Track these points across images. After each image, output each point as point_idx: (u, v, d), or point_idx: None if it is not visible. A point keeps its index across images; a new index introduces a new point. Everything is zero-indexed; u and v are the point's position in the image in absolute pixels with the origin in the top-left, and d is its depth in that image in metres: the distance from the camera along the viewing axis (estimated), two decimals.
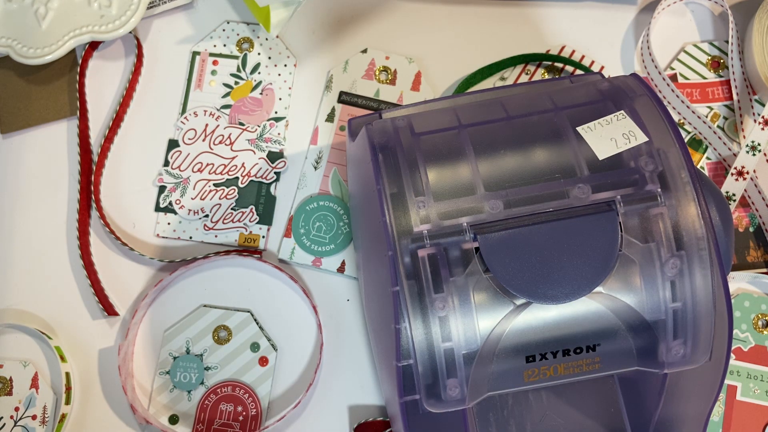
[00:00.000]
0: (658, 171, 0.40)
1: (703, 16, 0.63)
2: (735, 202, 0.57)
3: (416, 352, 0.38)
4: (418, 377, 0.38)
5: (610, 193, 0.39)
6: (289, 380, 0.55)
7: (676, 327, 0.40)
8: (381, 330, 0.44)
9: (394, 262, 0.38)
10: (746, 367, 0.54)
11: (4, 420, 0.53)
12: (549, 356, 0.40)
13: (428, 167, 0.41)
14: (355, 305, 0.56)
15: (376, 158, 0.41)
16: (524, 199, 0.40)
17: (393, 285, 0.38)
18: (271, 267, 0.56)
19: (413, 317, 0.38)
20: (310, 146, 0.59)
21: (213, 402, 0.54)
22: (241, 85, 0.60)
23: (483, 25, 0.62)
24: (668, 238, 0.39)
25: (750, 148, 0.57)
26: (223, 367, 0.54)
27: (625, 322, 0.40)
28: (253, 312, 0.56)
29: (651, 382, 0.43)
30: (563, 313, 0.39)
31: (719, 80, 0.61)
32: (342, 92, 0.60)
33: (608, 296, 0.39)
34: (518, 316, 0.39)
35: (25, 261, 0.58)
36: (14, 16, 0.58)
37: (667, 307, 0.39)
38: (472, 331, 0.39)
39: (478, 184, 0.40)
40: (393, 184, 0.40)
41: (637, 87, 0.43)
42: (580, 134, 0.41)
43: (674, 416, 0.44)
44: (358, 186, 0.48)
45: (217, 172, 0.58)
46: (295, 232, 0.57)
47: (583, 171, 0.40)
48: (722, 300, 0.39)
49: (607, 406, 0.47)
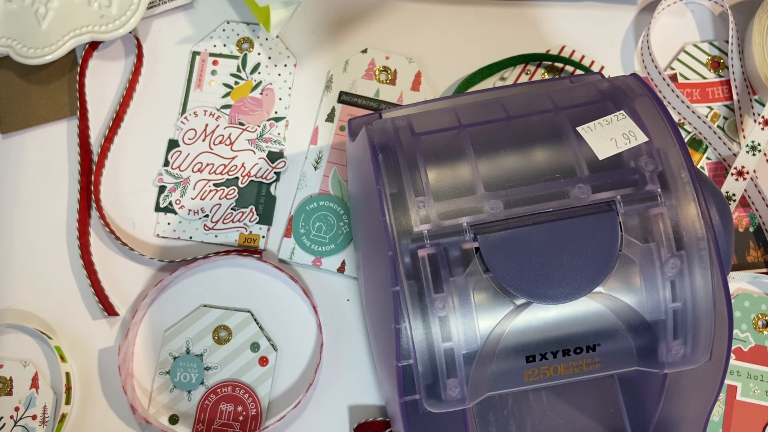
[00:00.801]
0: (658, 171, 0.40)
1: (703, 16, 0.63)
2: (735, 202, 0.57)
3: (416, 352, 0.38)
4: (418, 377, 0.39)
5: (610, 193, 0.39)
6: (289, 380, 0.55)
7: (676, 327, 0.40)
8: (381, 330, 0.44)
9: (394, 262, 0.38)
10: (746, 367, 0.54)
11: (4, 420, 0.53)
12: (549, 356, 0.40)
13: (428, 167, 0.41)
14: (355, 305, 0.56)
15: (376, 158, 0.41)
16: (524, 200, 0.40)
17: (393, 285, 0.38)
18: (271, 267, 0.56)
19: (413, 317, 0.38)
20: (310, 146, 0.59)
21: (213, 402, 0.54)
22: (241, 85, 0.60)
23: (483, 25, 0.62)
24: (668, 238, 0.39)
25: (750, 148, 0.57)
26: (223, 367, 0.54)
27: (625, 322, 0.40)
28: (253, 312, 0.56)
29: (651, 382, 0.43)
30: (563, 314, 0.39)
31: (719, 80, 0.61)
32: (342, 92, 0.60)
33: (608, 296, 0.39)
34: (518, 317, 0.39)
35: (25, 261, 0.58)
36: (14, 16, 0.58)
37: (667, 307, 0.39)
38: (472, 331, 0.39)
39: (478, 184, 0.40)
40: (393, 184, 0.40)
41: (637, 87, 0.43)
42: (580, 134, 0.41)
43: (674, 416, 0.44)
44: (358, 186, 0.48)
45: (217, 172, 0.58)
46: (295, 232, 0.57)
47: (584, 171, 0.40)
48: (722, 300, 0.39)
49: (607, 406, 0.47)
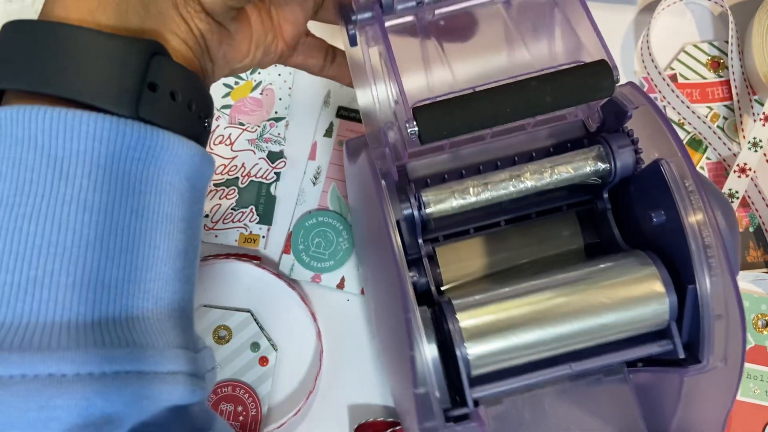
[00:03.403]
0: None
1: (703, 16, 0.63)
2: (738, 199, 0.57)
3: (433, 379, 0.38)
4: (436, 402, 0.38)
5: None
6: (290, 380, 0.55)
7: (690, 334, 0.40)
8: (393, 350, 0.44)
9: (410, 325, 0.38)
10: (746, 367, 0.54)
11: None
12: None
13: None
14: (355, 305, 0.56)
15: (379, 185, 0.40)
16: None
17: (410, 348, 0.37)
18: (270, 274, 0.55)
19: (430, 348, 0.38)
20: (309, 161, 0.59)
21: (213, 402, 0.54)
22: (241, 85, 0.60)
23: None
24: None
25: (752, 144, 0.57)
26: (223, 367, 0.54)
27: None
28: (253, 312, 0.56)
29: (667, 390, 0.43)
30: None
31: (719, 80, 0.61)
32: (341, 107, 0.60)
33: None
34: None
35: None
36: (14, 17, 0.58)
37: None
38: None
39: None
40: (398, 211, 0.40)
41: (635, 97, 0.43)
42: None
43: (691, 422, 0.44)
44: (360, 203, 0.48)
45: (217, 173, 0.58)
46: (294, 248, 0.57)
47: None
48: (734, 304, 0.39)
49: (625, 418, 0.47)
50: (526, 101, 0.36)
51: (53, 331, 0.29)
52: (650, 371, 0.42)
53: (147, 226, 0.32)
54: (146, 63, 0.31)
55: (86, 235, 0.30)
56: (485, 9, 0.44)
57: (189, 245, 0.35)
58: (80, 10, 0.32)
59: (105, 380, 0.28)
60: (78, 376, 0.28)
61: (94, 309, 0.30)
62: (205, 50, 0.37)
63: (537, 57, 0.43)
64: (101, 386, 0.28)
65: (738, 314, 0.39)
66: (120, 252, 0.31)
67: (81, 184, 0.30)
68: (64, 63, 0.30)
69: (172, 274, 0.33)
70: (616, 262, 0.40)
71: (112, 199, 0.31)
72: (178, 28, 0.35)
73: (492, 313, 0.39)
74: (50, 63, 0.30)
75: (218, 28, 0.37)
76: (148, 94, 0.31)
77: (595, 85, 0.37)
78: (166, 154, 0.32)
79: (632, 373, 0.42)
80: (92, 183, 0.30)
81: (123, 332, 0.30)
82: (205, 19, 0.36)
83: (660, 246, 0.40)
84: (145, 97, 0.31)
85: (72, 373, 0.28)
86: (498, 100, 0.36)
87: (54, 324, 0.29)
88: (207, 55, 0.37)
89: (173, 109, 0.33)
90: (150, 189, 0.32)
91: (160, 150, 0.32)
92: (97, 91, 0.30)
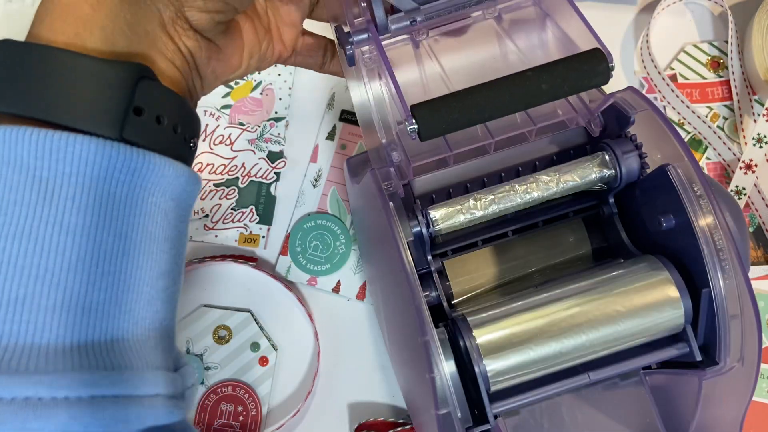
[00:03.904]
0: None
1: (703, 16, 0.63)
2: (746, 195, 0.57)
3: (455, 399, 0.37)
4: (458, 423, 0.38)
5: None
6: (290, 380, 0.55)
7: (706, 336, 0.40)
8: (408, 364, 0.44)
9: (428, 349, 0.37)
10: None
11: None
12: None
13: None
14: (354, 306, 0.56)
15: (388, 209, 0.40)
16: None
17: (429, 371, 0.37)
18: (266, 275, 0.55)
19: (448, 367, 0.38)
20: (310, 164, 0.59)
21: (213, 402, 0.54)
22: (241, 85, 0.60)
23: None
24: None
25: (757, 140, 0.57)
26: (223, 367, 0.54)
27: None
28: (253, 312, 0.56)
29: (684, 392, 0.43)
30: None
31: (719, 80, 0.61)
32: (344, 111, 0.60)
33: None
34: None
35: None
36: (14, 17, 0.58)
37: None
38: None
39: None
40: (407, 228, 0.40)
41: (637, 102, 0.43)
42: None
43: (709, 423, 0.43)
44: (366, 220, 0.47)
45: (217, 173, 0.58)
46: (291, 250, 0.57)
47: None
48: (748, 303, 0.39)
49: (642, 420, 0.47)
50: (523, 91, 0.36)
51: (32, 354, 0.28)
52: (666, 373, 0.42)
53: (131, 248, 0.32)
54: (132, 88, 0.31)
55: (68, 257, 0.30)
56: (478, 24, 0.44)
57: (173, 265, 0.35)
58: (66, 33, 0.32)
59: (81, 405, 0.28)
60: (54, 400, 0.28)
61: (74, 332, 0.29)
62: (194, 68, 0.37)
63: (532, 61, 0.43)
64: (77, 411, 0.28)
65: (753, 313, 0.39)
66: (102, 275, 0.31)
67: (65, 207, 0.30)
68: (49, 87, 0.30)
69: (155, 294, 0.33)
70: (628, 269, 0.40)
71: (95, 221, 0.30)
72: (166, 48, 0.34)
73: (508, 328, 0.38)
74: (35, 86, 0.30)
75: (207, 44, 0.37)
76: (134, 118, 0.31)
77: (590, 71, 0.36)
78: (151, 176, 0.32)
79: (648, 375, 0.42)
80: (76, 205, 0.30)
81: (103, 355, 0.30)
82: (194, 37, 0.36)
83: (670, 250, 0.40)
84: (130, 121, 0.31)
85: (48, 397, 0.28)
86: (494, 91, 0.36)
87: (33, 346, 0.28)
88: (195, 72, 0.37)
89: (158, 133, 0.33)
90: (135, 211, 0.32)
91: (146, 171, 0.32)
92: (82, 115, 0.30)
